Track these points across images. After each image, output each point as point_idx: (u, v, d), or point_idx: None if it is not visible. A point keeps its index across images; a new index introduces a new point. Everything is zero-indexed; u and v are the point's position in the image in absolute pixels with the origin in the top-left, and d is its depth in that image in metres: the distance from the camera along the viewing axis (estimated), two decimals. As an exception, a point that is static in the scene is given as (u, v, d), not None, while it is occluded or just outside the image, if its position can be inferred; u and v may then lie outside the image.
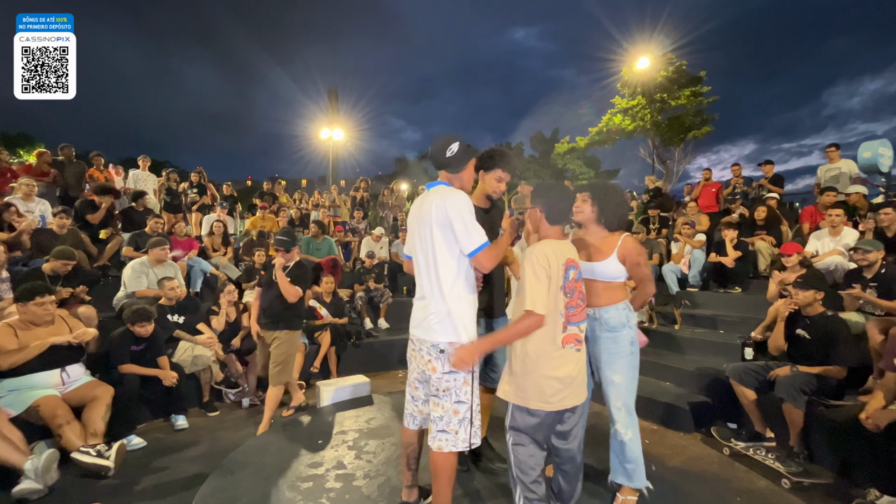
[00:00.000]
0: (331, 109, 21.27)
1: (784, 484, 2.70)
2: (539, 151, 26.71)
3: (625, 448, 2.10)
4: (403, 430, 1.94)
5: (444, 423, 1.71)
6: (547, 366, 1.70)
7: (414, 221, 1.88)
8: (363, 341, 5.30)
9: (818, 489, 2.66)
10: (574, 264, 1.80)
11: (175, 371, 3.60)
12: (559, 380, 1.70)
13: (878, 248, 3.43)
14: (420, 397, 1.89)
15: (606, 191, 2.19)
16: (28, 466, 2.37)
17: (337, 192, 10.15)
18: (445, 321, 1.71)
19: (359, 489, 2.23)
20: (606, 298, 2.11)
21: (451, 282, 1.72)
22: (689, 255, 5.66)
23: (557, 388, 1.71)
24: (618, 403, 2.10)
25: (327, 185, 15.06)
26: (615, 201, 2.16)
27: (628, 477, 2.13)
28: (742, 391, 3.17)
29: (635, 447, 2.10)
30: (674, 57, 14.02)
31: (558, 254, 1.74)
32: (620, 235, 2.15)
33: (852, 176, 5.95)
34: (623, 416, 2.10)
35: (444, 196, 1.75)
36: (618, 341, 2.08)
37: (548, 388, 1.70)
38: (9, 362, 2.75)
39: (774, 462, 2.86)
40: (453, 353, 1.70)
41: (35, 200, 5.12)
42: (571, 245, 1.87)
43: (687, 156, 15.83)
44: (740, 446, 3.09)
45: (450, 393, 1.71)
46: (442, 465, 1.73)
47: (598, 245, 2.15)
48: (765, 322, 3.77)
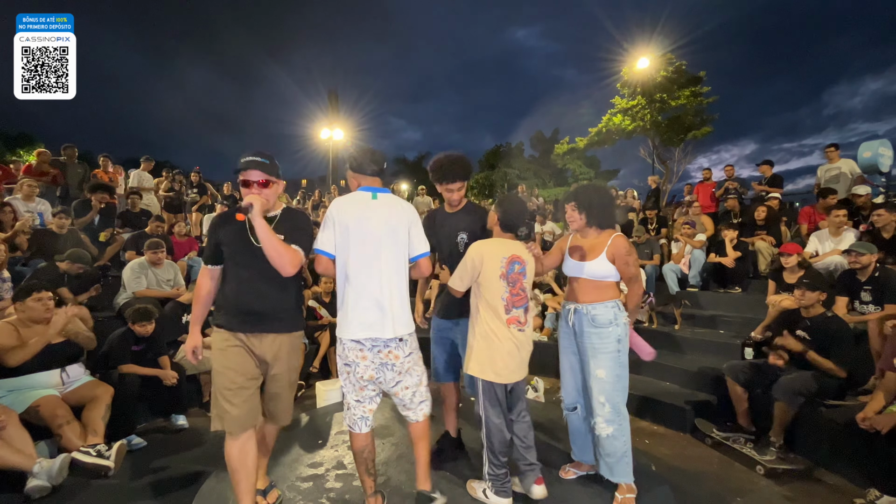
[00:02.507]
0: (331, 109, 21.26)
1: (758, 470, 2.78)
2: (539, 151, 26.73)
3: (602, 442, 2.16)
4: (355, 437, 1.90)
5: (419, 394, 1.98)
6: (497, 343, 2.06)
7: (379, 224, 1.87)
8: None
9: (818, 489, 2.66)
10: (518, 259, 2.12)
11: (177, 371, 3.60)
12: (509, 353, 2.06)
13: (871, 251, 3.41)
14: (369, 396, 1.92)
15: (589, 195, 2.29)
16: (37, 469, 2.39)
17: (337, 193, 10.16)
18: (406, 314, 1.93)
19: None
20: (596, 296, 2.22)
21: (406, 279, 1.97)
22: (689, 255, 5.67)
23: (507, 363, 2.07)
24: (601, 399, 2.16)
25: (327, 186, 15.06)
26: (599, 202, 2.27)
27: (609, 471, 2.18)
28: (735, 388, 3.19)
29: (616, 443, 2.15)
30: (673, 57, 14.02)
31: (498, 250, 2.10)
32: (611, 235, 2.23)
33: (853, 175, 5.94)
34: (607, 411, 2.15)
35: (403, 202, 2.02)
36: (603, 337, 2.16)
37: (500, 363, 2.06)
38: (16, 359, 2.76)
39: (752, 451, 2.92)
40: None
41: (35, 201, 5.13)
42: (518, 244, 2.18)
43: (687, 156, 15.84)
44: (720, 436, 3.14)
45: (412, 370, 1.95)
46: (426, 429, 2.01)
47: (592, 245, 2.27)
48: (765, 322, 3.77)
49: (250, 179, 1.81)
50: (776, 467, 2.75)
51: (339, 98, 23.14)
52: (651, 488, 2.27)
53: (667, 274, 5.51)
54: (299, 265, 1.83)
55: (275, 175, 1.87)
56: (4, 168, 6.68)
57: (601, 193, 2.34)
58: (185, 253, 5.50)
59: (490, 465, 2.08)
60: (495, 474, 2.07)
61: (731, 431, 3.18)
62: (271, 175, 1.85)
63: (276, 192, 1.90)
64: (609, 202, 2.33)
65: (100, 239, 5.24)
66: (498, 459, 2.07)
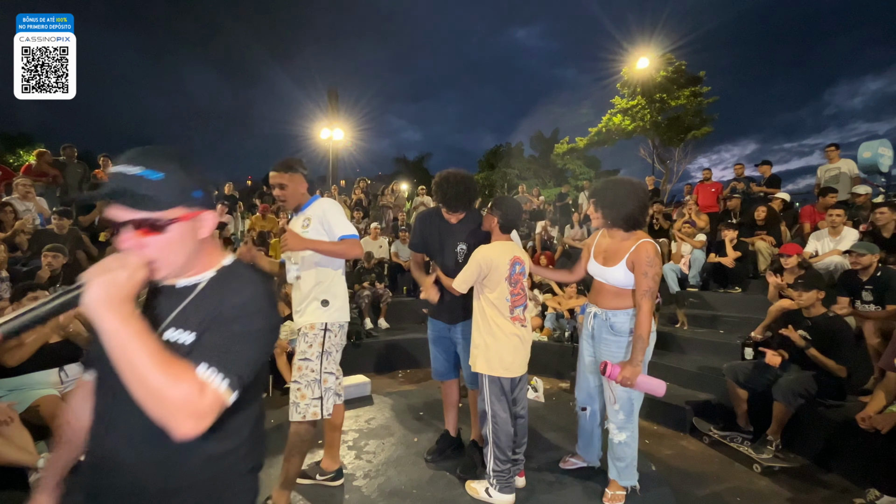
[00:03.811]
0: (331, 109, 21.25)
1: (755, 468, 2.78)
2: (539, 151, 26.70)
3: (615, 448, 2.19)
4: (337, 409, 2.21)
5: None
6: (504, 340, 2.10)
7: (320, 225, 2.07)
8: (363, 341, 5.30)
9: (818, 489, 2.66)
10: (519, 261, 2.17)
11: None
12: (515, 348, 2.11)
13: (872, 251, 3.40)
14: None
15: (606, 191, 2.16)
16: (42, 465, 2.41)
17: (337, 192, 10.16)
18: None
19: (359, 489, 2.23)
20: (617, 303, 2.16)
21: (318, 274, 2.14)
22: (688, 254, 5.67)
23: (515, 357, 2.12)
24: (615, 406, 2.16)
25: (327, 185, 15.07)
26: (617, 199, 2.09)
27: (618, 474, 2.21)
28: (734, 389, 3.19)
29: (628, 449, 2.16)
30: (673, 57, 14.04)
31: (503, 254, 2.13)
32: (638, 240, 2.08)
33: (852, 175, 5.94)
34: (620, 418, 2.15)
35: None
36: (621, 346, 2.13)
37: (508, 357, 2.10)
38: (15, 359, 2.77)
39: (748, 449, 2.92)
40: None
41: (34, 201, 5.13)
42: (516, 245, 2.23)
43: (687, 156, 15.85)
44: (718, 435, 3.15)
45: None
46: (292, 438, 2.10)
47: (616, 249, 2.14)
48: (765, 322, 3.77)
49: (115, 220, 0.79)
50: (772, 465, 2.76)
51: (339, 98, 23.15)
52: (651, 488, 2.28)
53: (667, 274, 5.51)
54: (206, 416, 0.72)
55: (182, 203, 0.81)
56: (4, 168, 6.68)
57: (621, 189, 2.12)
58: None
59: (495, 460, 2.09)
60: (500, 470, 2.09)
61: (729, 430, 3.18)
62: (166, 208, 0.79)
63: (190, 237, 0.83)
64: (630, 198, 2.08)
65: (100, 239, 5.25)
66: (504, 454, 2.09)
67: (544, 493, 2.21)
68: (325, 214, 2.07)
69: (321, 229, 2.05)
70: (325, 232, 2.05)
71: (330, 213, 2.08)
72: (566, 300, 5.19)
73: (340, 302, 2.13)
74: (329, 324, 2.07)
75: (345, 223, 2.08)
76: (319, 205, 2.13)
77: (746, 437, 3.10)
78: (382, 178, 28.17)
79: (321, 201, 2.15)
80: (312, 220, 2.08)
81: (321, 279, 2.09)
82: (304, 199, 2.16)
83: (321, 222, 2.06)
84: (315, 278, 2.08)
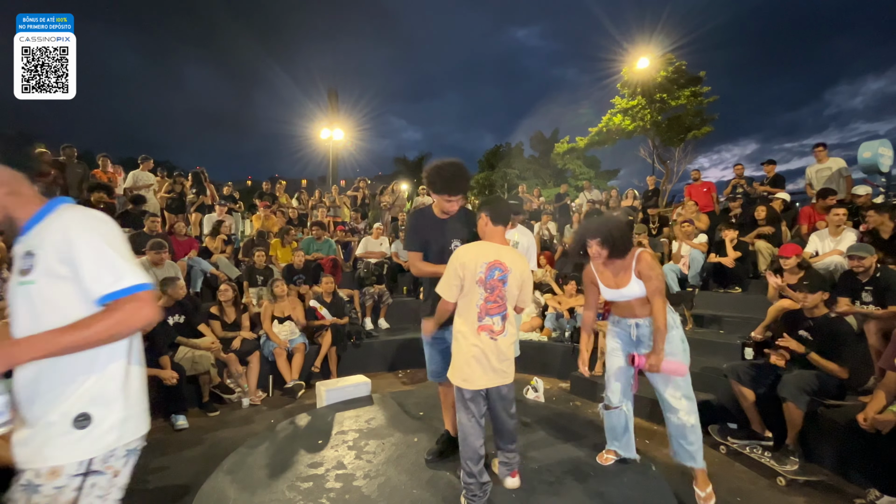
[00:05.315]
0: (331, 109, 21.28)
1: (780, 482, 2.72)
2: (539, 151, 26.70)
3: (687, 432, 2.31)
4: None
5: None
6: (465, 348, 2.00)
7: None
8: (363, 341, 5.30)
9: (818, 489, 2.66)
10: (499, 265, 2.02)
11: (176, 371, 3.60)
12: (475, 360, 1.98)
13: (871, 253, 3.44)
14: None
15: (611, 230, 2.34)
16: None
17: (337, 192, 10.15)
18: None
19: (359, 489, 2.23)
20: (647, 311, 2.35)
21: None
22: (687, 254, 5.66)
23: (474, 369, 1.99)
24: (677, 394, 2.33)
25: (327, 186, 15.06)
26: (620, 235, 2.32)
27: (692, 458, 2.33)
28: (741, 391, 3.16)
29: (699, 431, 2.33)
30: (673, 57, 14.01)
31: (479, 255, 2.01)
32: (634, 253, 2.33)
33: (844, 174, 5.95)
34: (685, 404, 2.34)
35: None
36: (670, 341, 2.31)
37: (466, 368, 2.00)
38: None
39: (770, 460, 2.87)
40: None
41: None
42: (500, 248, 2.07)
43: (687, 156, 15.81)
44: (736, 444, 3.10)
45: None
46: None
47: (621, 271, 2.37)
48: (765, 322, 3.76)
49: None
50: (797, 478, 2.69)
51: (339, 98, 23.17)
52: (651, 488, 2.28)
53: (667, 274, 5.50)
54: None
55: None
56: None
57: (620, 226, 2.38)
58: (185, 253, 5.50)
59: (463, 471, 2.05)
60: (466, 483, 2.04)
61: (748, 439, 3.11)
62: None
63: None
64: (627, 232, 2.42)
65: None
66: (468, 467, 2.02)
67: (544, 493, 2.20)
68: (69, 245, 1.05)
69: (58, 278, 1.06)
70: (68, 281, 1.06)
71: (81, 240, 1.06)
72: (566, 299, 5.18)
73: (120, 408, 1.20)
74: (95, 460, 1.10)
75: (116, 264, 1.08)
76: (59, 221, 1.09)
77: (766, 446, 3.01)
78: (382, 178, 28.21)
79: (64, 214, 1.11)
80: (38, 259, 1.06)
81: (75, 372, 1.09)
82: (22, 212, 1.11)
83: (61, 261, 1.05)
84: (58, 372, 1.07)
